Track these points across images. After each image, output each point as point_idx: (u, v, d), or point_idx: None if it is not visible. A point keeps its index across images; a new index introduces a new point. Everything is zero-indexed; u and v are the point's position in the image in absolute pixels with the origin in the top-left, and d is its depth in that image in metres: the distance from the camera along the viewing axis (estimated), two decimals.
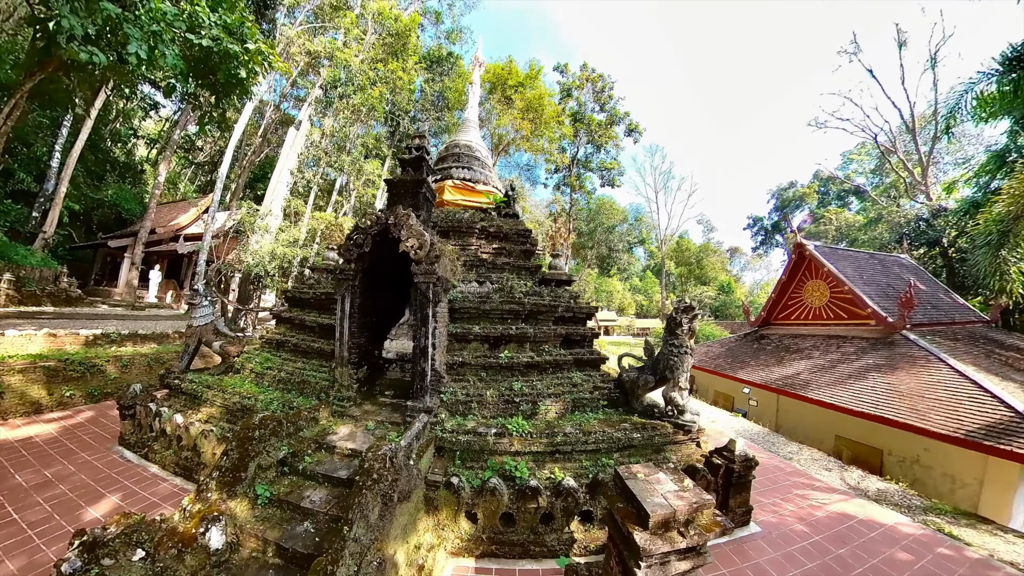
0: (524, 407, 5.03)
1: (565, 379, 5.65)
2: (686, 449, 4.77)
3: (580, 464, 4.38)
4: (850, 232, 28.62)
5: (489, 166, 10.92)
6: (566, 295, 6.75)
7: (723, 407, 14.41)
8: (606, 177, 29.88)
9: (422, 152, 6.47)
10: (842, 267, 13.60)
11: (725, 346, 17.30)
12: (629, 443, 4.51)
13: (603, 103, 27.19)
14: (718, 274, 47.56)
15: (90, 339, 9.11)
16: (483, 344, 5.90)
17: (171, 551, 2.96)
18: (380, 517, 3.12)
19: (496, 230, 8.26)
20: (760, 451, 7.54)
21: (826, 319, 13.87)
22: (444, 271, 5.68)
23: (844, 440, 9.45)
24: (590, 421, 4.89)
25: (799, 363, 12.23)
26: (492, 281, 7.33)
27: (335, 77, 20.68)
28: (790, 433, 11.17)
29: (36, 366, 7.26)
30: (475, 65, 12.81)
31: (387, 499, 3.21)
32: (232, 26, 8.75)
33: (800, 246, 14.68)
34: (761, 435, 8.84)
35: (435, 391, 5.01)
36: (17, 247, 14.94)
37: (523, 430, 4.50)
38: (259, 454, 3.85)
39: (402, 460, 3.50)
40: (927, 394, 8.22)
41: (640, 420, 4.94)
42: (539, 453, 4.36)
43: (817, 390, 10.02)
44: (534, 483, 3.89)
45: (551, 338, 6.04)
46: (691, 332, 4.84)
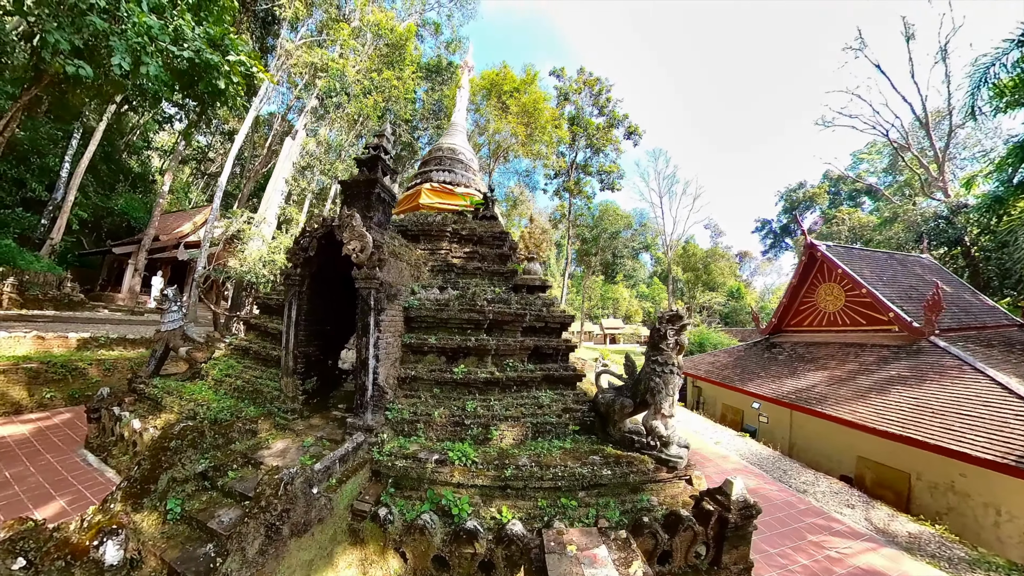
0: (475, 431, 4.39)
1: (529, 399, 4.92)
2: (671, 489, 3.92)
3: (535, 503, 3.66)
4: (864, 233, 27.29)
5: (474, 169, 10.56)
6: (538, 302, 6.01)
7: (732, 422, 13.30)
8: (606, 181, 29.21)
9: (378, 152, 6.12)
10: (858, 268, 12.55)
11: (733, 355, 16.20)
12: (596, 481, 3.74)
13: (601, 106, 26.71)
14: (727, 279, 46.00)
15: (78, 342, 9.25)
16: (440, 357, 5.33)
17: (57, 563, 2.68)
18: (261, 552, 2.79)
19: (469, 233, 7.83)
20: (768, 482, 6.57)
21: (842, 325, 12.77)
22: (393, 276, 5.28)
23: (867, 462, 8.36)
24: (552, 451, 4.14)
25: (814, 374, 11.15)
26: (459, 287, 6.71)
27: (330, 87, 20.92)
28: (805, 453, 10.07)
29: (18, 367, 7.33)
30: (464, 69, 12.73)
31: (272, 531, 2.87)
32: (216, 38, 9.00)
33: (811, 247, 13.67)
34: (771, 460, 7.82)
35: (378, 408, 4.57)
36: (24, 252, 15.59)
37: (468, 459, 3.89)
38: (173, 466, 3.60)
39: (299, 487, 3.13)
40: (963, 410, 7.15)
41: (615, 452, 4.13)
42: (486, 487, 3.73)
43: (835, 405, 8.96)
44: (471, 525, 3.28)
45: (516, 351, 5.36)
46: (678, 346, 4.02)
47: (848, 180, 37.06)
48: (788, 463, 7.68)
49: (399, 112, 26.64)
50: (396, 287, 5.33)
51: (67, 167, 19.25)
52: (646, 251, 65.46)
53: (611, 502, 3.69)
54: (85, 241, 23.24)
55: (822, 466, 9.41)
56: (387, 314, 5.02)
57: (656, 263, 66.76)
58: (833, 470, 9.04)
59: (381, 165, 6.07)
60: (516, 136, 24.15)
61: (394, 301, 5.23)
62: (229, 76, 9.24)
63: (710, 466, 7.17)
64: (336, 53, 21.67)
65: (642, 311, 63.59)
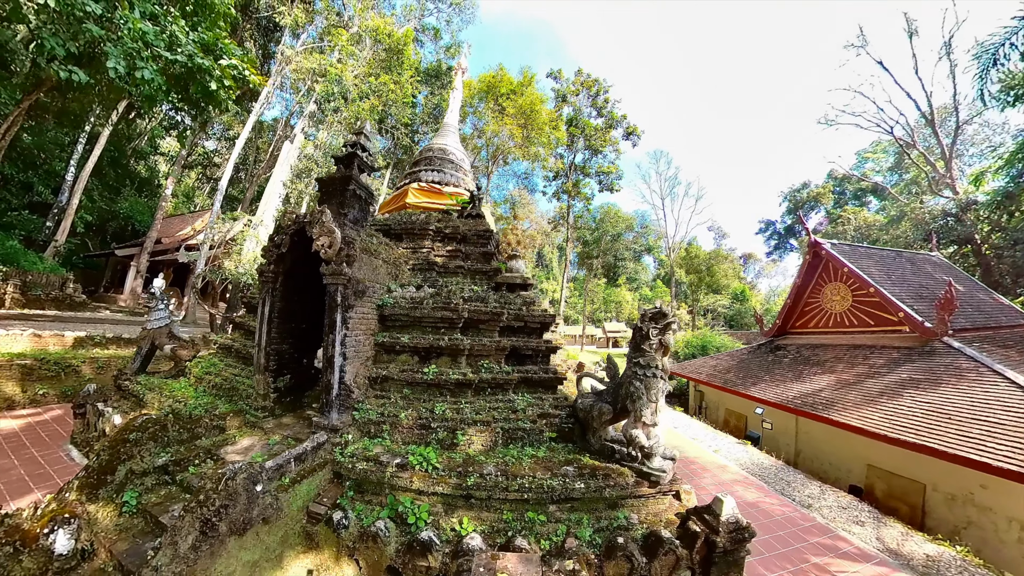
0: (441, 434, 4.13)
1: (503, 403, 4.62)
2: (654, 506, 3.54)
3: (500, 516, 3.35)
4: (871, 233, 26.63)
5: (465, 170, 10.49)
6: (518, 301, 5.67)
7: (735, 428, 12.76)
8: (604, 182, 28.87)
9: (355, 149, 6.03)
10: (865, 267, 12.04)
11: (736, 358, 15.65)
12: (567, 495, 3.40)
13: (600, 108, 26.47)
14: (730, 281, 45.21)
15: (74, 341, 9.40)
16: (413, 356, 5.12)
17: (5, 548, 2.68)
18: (194, 548, 2.69)
19: (452, 231, 7.61)
20: (769, 495, 6.07)
21: (849, 326, 12.24)
22: (365, 273, 5.15)
23: (878, 471, 7.83)
24: (522, 460, 3.82)
25: (820, 378, 10.62)
26: (438, 286, 6.43)
27: (328, 91, 21.20)
28: (812, 461, 9.52)
29: (12, 363, 7.48)
30: (457, 71, 12.74)
31: (208, 527, 2.76)
32: (209, 43, 9.28)
33: (815, 245, 13.19)
34: (773, 471, 7.30)
35: (345, 408, 4.44)
36: (28, 254, 15.92)
37: (429, 464, 3.68)
38: (132, 458, 3.55)
39: (241, 483, 3.00)
40: (982, 415, 6.63)
41: (592, 463, 3.76)
42: (448, 496, 3.50)
43: (843, 411, 8.44)
44: (426, 536, 3.08)
45: (492, 352, 5.05)
46: (663, 347, 3.62)
47: (853, 179, 36.43)
48: (792, 474, 7.16)
49: (398, 116, 26.78)
50: (367, 284, 5.18)
51: (72, 171, 19.67)
52: (648, 253, 64.91)
53: (585, 518, 3.33)
54: (90, 243, 23.76)
55: (830, 475, 8.87)
56: (357, 311, 4.89)
57: (659, 265, 66.18)
58: (841, 480, 8.50)
59: (357, 162, 5.95)
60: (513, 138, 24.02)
61: (364, 298, 5.08)
62: (220, 80, 9.46)
63: (707, 476, 6.70)
64: (335, 59, 21.90)
65: None
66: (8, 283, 12.63)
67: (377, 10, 26.24)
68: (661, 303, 3.78)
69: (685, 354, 22.43)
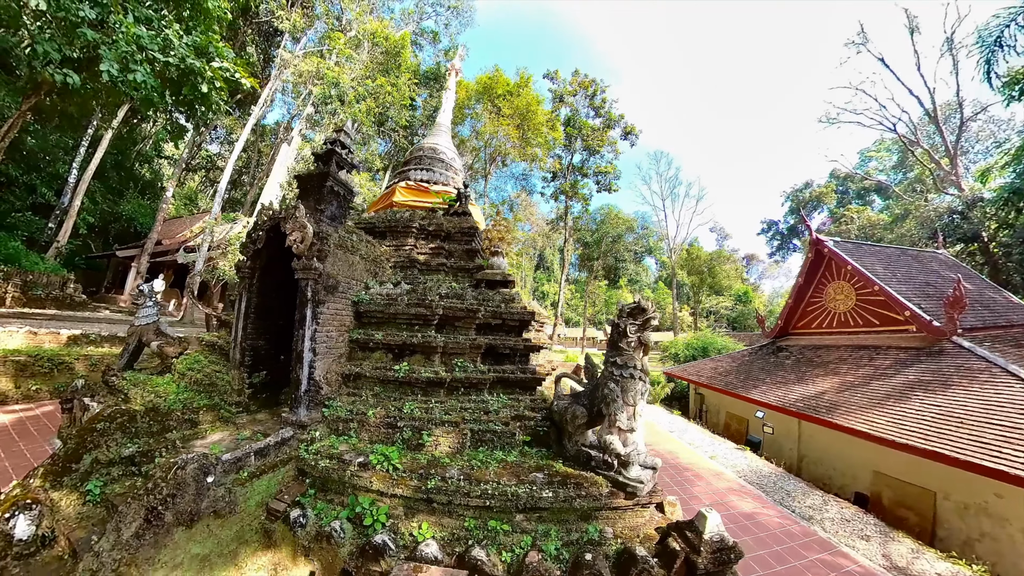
0: (407, 434, 3.99)
1: (476, 403, 4.39)
2: (633, 519, 3.21)
3: (462, 523, 3.17)
4: (875, 232, 26.13)
5: (455, 168, 10.45)
6: (497, 298, 5.40)
7: (736, 432, 12.33)
8: (602, 182, 28.56)
9: (334, 146, 6.03)
10: (869, 264, 11.66)
11: (737, 360, 15.23)
12: (534, 504, 3.13)
13: (597, 108, 26.25)
14: (733, 282, 44.62)
15: (68, 339, 9.47)
16: (387, 354, 5.00)
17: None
18: (137, 535, 2.68)
19: (436, 229, 7.48)
20: (767, 506, 5.67)
21: (853, 326, 11.83)
22: (339, 269, 5.07)
23: (885, 478, 7.40)
24: (490, 464, 3.58)
25: (824, 380, 10.20)
26: (418, 283, 6.23)
27: (325, 94, 21.41)
28: (816, 466, 9.10)
29: (7, 360, 7.57)
30: (451, 72, 12.81)
31: (153, 515, 2.75)
32: (202, 46, 9.49)
33: (817, 242, 12.82)
34: (772, 479, 6.89)
35: (314, 404, 4.42)
36: (30, 254, 16.16)
37: (390, 464, 3.52)
38: (99, 447, 3.52)
39: (191, 473, 2.98)
40: (997, 419, 6.23)
41: (565, 470, 3.45)
42: (409, 499, 3.33)
43: (847, 414, 8.04)
44: (380, 539, 2.93)
45: (466, 350, 4.83)
46: (642, 346, 3.31)
47: (856, 178, 35.95)
48: (793, 482, 6.75)
49: (397, 119, 26.86)
50: (340, 280, 5.08)
51: (75, 174, 19.91)
52: (650, 255, 64.46)
53: (553, 530, 3.05)
54: (93, 245, 24.15)
55: (834, 482, 8.45)
56: (328, 307, 4.81)
57: (661, 267, 65.70)
58: (847, 486, 8.08)
59: (336, 159, 5.93)
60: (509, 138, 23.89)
61: (336, 293, 4.97)
62: (211, 81, 9.69)
63: (700, 485, 6.32)
64: (332, 61, 22.07)
65: None
66: (9, 282, 12.84)
67: (376, 14, 26.39)
68: (640, 298, 3.48)
69: (686, 356, 22.01)
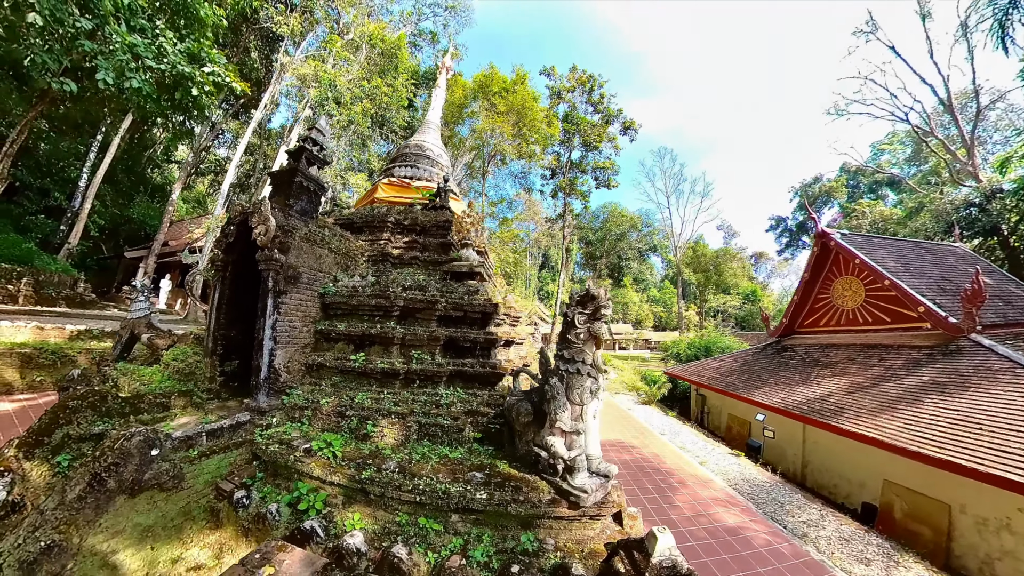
0: (354, 423, 4.03)
1: (429, 396, 4.28)
2: (580, 530, 2.87)
3: (394, 517, 3.09)
4: (887, 226, 25.09)
5: (441, 165, 10.40)
6: (460, 290, 5.13)
7: (737, 435, 11.74)
8: (601, 178, 27.94)
9: (304, 143, 6.28)
10: (879, 258, 10.99)
11: (740, 360, 14.60)
12: (466, 504, 2.93)
13: (596, 103, 25.69)
14: (740, 280, 43.50)
15: (73, 334, 9.98)
16: (349, 345, 5.03)
17: None
18: (80, 497, 2.83)
19: (411, 223, 7.32)
20: (756, 520, 5.14)
21: (863, 324, 11.16)
22: (304, 261, 5.19)
23: (895, 488, 6.80)
24: (431, 458, 3.48)
25: (830, 381, 9.59)
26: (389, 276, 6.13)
27: (322, 96, 21.73)
28: (821, 474, 8.50)
29: (13, 352, 7.99)
30: (442, 70, 12.71)
31: (96, 480, 2.90)
32: (194, 52, 9.88)
33: (823, 235, 12.18)
34: (766, 489, 6.33)
35: (274, 391, 4.59)
36: (42, 255, 16.85)
37: (331, 452, 3.57)
38: (70, 424, 3.74)
39: (136, 445, 3.12)
40: (1022, 426, 5.63)
41: (507, 471, 3.20)
42: (347, 488, 3.32)
43: (855, 418, 7.45)
44: (309, 525, 2.96)
45: (425, 342, 4.69)
46: (593, 338, 2.90)
47: (868, 172, 34.76)
48: (788, 493, 6.18)
49: (395, 119, 26.86)
50: (304, 271, 5.17)
51: (85, 178, 20.60)
52: (654, 253, 63.49)
53: (487, 535, 2.80)
54: (104, 246, 24.80)
55: (840, 490, 7.86)
56: (291, 297, 4.94)
57: (667, 265, 64.74)
58: (853, 495, 7.49)
59: (306, 155, 6.16)
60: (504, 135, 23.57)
61: (298, 285, 5.06)
62: (202, 86, 10.06)
63: (683, 493, 5.82)
64: (330, 64, 22.29)
65: (653, 316, 61.36)
66: (22, 281, 13.51)
67: (375, 17, 26.39)
68: (592, 284, 3.08)
69: (688, 356, 21.39)
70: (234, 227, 5.47)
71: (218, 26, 11.14)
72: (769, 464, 9.23)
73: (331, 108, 22.13)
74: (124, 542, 2.84)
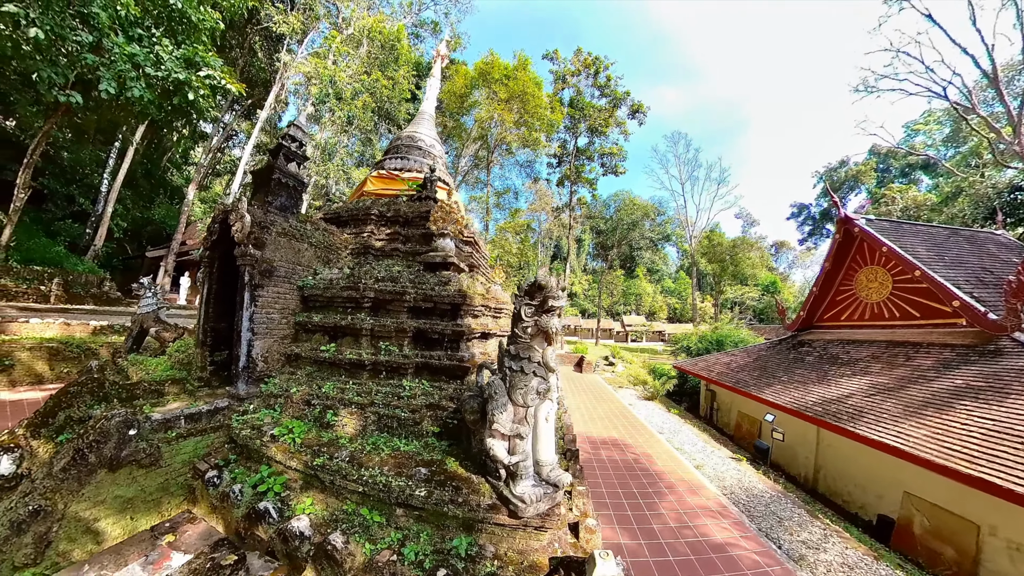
0: (317, 412, 4.19)
1: (393, 387, 4.28)
2: (524, 541, 2.65)
3: (342, 505, 3.12)
4: (921, 213, 23.29)
5: (433, 155, 10.22)
6: (432, 280, 5.07)
7: (747, 434, 11.18)
8: (608, 164, 26.82)
9: (283, 140, 6.39)
10: (910, 246, 10.08)
11: (753, 355, 13.89)
12: (405, 499, 2.89)
13: (602, 87, 24.50)
14: (758, 271, 41.65)
15: (96, 329, 10.79)
16: (324, 336, 5.17)
17: None
18: (64, 470, 3.15)
19: (394, 214, 7.24)
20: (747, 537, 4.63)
21: (889, 319, 10.32)
22: (281, 255, 5.33)
23: (917, 501, 6.21)
24: (381, 450, 3.50)
25: (850, 381, 8.89)
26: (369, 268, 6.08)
27: (323, 92, 21.85)
28: (835, 480, 7.92)
29: (42, 346, 8.80)
30: (436, 58, 12.31)
31: (79, 455, 3.23)
32: (189, 56, 10.13)
33: (846, 221, 11.26)
34: (764, 500, 5.79)
35: (252, 379, 4.88)
36: (71, 257, 18.30)
37: (292, 438, 3.73)
38: (71, 407, 4.11)
39: (115, 425, 3.47)
40: None
41: (454, 469, 3.10)
42: (304, 473, 3.45)
43: (876, 424, 6.82)
44: (263, 506, 3.13)
45: (393, 333, 4.67)
46: (542, 333, 2.57)
47: (900, 154, 32.38)
48: (790, 506, 5.62)
49: (397, 112, 26.63)
50: (281, 265, 5.32)
51: (106, 183, 21.80)
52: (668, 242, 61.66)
53: (426, 533, 2.71)
54: (128, 247, 26.36)
55: (855, 500, 7.29)
56: (267, 291, 5.10)
57: (682, 255, 62.92)
58: (869, 507, 6.93)
59: (284, 152, 6.30)
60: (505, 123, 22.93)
61: (274, 278, 5.20)
62: (197, 90, 10.35)
63: (669, 500, 5.37)
64: (330, 60, 22.31)
65: (667, 307, 59.98)
66: (53, 282, 14.73)
67: (375, 10, 25.96)
68: (544, 273, 2.71)
69: (698, 349, 20.63)
70: (217, 225, 5.68)
71: (215, 29, 11.40)
72: (778, 467, 8.69)
73: (332, 104, 22.14)
74: (106, 511, 3.19)
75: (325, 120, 23.94)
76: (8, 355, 8.46)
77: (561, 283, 2.84)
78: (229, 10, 15.59)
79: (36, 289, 14.18)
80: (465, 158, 31.23)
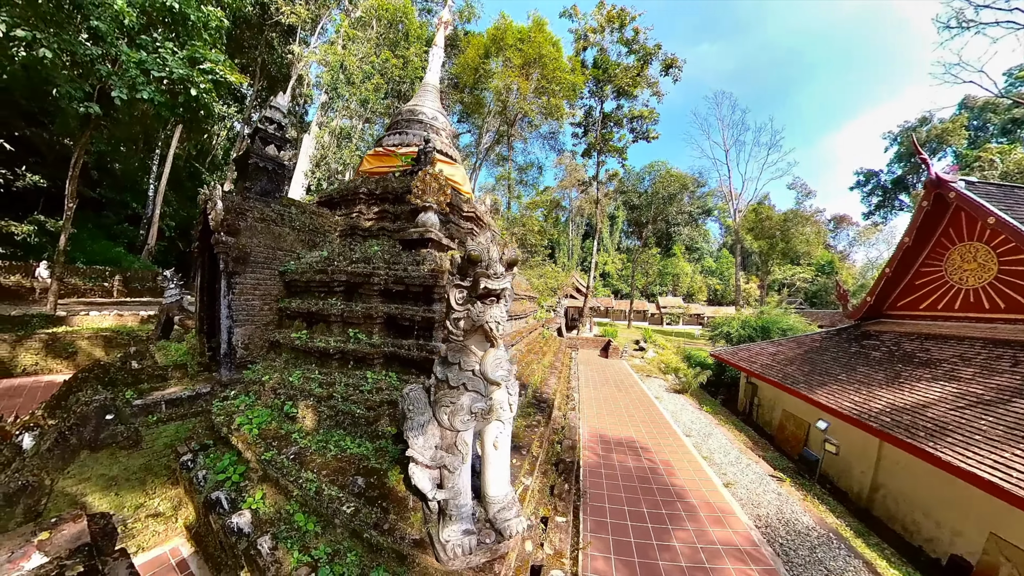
0: (278, 402, 4.12)
1: (357, 380, 4.02)
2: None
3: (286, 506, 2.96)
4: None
5: (435, 128, 9.73)
6: (405, 260, 4.60)
7: (792, 437, 9.84)
8: (638, 129, 23.91)
9: (260, 123, 6.31)
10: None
11: (805, 346, 12.12)
12: (332, 513, 2.68)
13: (629, 42, 21.39)
14: (813, 249, 36.94)
15: (144, 318, 12.07)
16: (303, 322, 5.06)
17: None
18: (49, 449, 3.48)
19: (383, 192, 6.82)
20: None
21: (989, 310, 8.24)
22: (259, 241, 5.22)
23: (1009, 548, 4.85)
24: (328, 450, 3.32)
25: (930, 388, 7.19)
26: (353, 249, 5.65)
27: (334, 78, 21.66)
28: (895, 504, 6.61)
29: (98, 335, 10.07)
30: (439, 26, 11.59)
31: (62, 437, 3.58)
32: (192, 54, 10.41)
33: (938, 184, 8.91)
34: (809, 543, 4.34)
35: (234, 366, 4.84)
36: (129, 256, 21.13)
37: (251, 428, 3.72)
38: (81, 391, 4.41)
39: (93, 410, 3.75)
40: None
41: (392, 486, 2.77)
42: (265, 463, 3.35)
43: (964, 445, 5.37)
44: (215, 495, 3.11)
45: (361, 320, 4.37)
46: (479, 329, 1.83)
47: (1001, 107, 26.23)
48: (844, 554, 4.33)
49: (410, 93, 25.82)
50: (258, 251, 5.18)
51: (152, 188, 24.01)
52: (710, 217, 56.66)
53: (355, 554, 2.33)
54: (180, 244, 28.69)
55: (922, 532, 6.00)
56: (247, 277, 5.01)
57: (725, 231, 57.92)
58: (939, 541, 5.66)
59: (260, 136, 6.17)
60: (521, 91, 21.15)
61: (250, 264, 5.06)
62: (199, 86, 10.63)
63: (688, 527, 4.26)
64: (339, 46, 21.89)
65: (707, 288, 56.01)
66: (115, 279, 17.38)
67: None
68: (483, 240, 1.86)
69: (740, 336, 18.64)
70: (202, 215, 5.67)
71: (220, 27, 11.64)
72: (826, 479, 7.42)
73: (343, 89, 21.81)
74: (91, 487, 3.39)
75: (339, 106, 23.73)
76: (72, 343, 9.63)
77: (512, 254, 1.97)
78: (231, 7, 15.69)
79: (100, 286, 16.68)
80: (487, 135, 29.79)
